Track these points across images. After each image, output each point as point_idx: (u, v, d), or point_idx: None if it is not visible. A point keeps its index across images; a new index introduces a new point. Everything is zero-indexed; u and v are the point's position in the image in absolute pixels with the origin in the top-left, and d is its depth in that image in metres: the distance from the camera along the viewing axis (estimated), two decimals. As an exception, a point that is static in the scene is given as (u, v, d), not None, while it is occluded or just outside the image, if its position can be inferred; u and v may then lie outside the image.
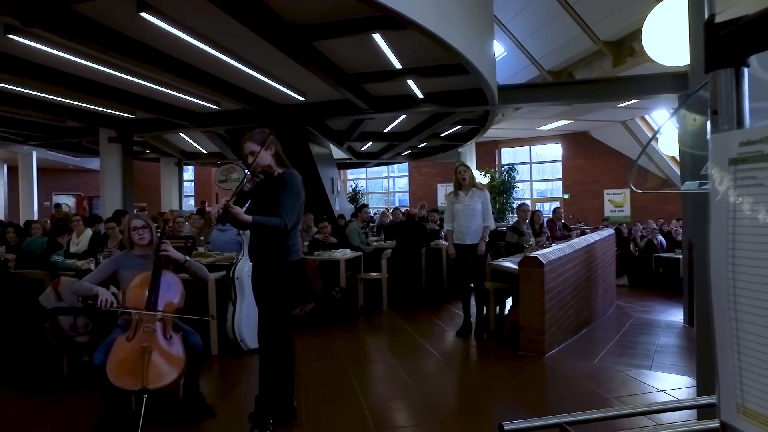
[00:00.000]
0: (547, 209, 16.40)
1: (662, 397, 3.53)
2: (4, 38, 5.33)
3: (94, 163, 15.37)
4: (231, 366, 4.33)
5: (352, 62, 6.87)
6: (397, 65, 6.78)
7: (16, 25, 4.84)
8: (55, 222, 7.82)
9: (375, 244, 7.97)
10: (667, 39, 2.02)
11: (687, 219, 6.68)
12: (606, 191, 16.90)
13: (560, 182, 18.17)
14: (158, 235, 3.26)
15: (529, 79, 12.30)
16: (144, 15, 4.76)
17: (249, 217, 2.67)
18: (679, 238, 9.12)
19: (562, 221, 8.52)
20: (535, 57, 11.97)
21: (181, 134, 12.64)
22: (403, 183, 22.02)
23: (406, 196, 21.28)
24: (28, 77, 6.73)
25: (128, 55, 5.70)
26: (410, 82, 7.52)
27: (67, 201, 17.81)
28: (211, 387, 3.74)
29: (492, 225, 5.22)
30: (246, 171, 2.93)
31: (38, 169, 15.26)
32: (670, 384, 3.79)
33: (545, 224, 7.33)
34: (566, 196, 17.74)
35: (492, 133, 14.30)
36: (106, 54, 5.70)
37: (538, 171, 19.19)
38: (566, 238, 7.59)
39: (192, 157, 15.79)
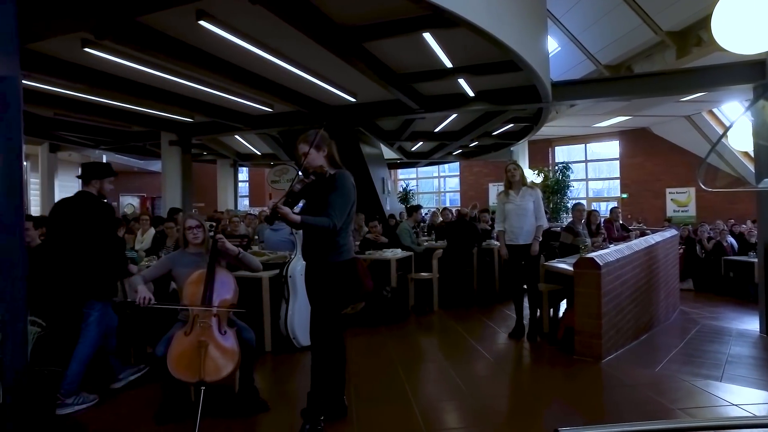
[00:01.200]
0: (603, 209, 15.77)
1: (736, 412, 3.28)
2: (81, 52, 5.72)
3: (156, 165, 16.18)
4: (283, 362, 4.42)
5: (402, 62, 6.87)
6: (448, 64, 6.71)
7: (91, 39, 5.18)
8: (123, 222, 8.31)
9: (426, 244, 7.93)
10: (741, 25, 1.87)
11: (763, 219, 6.23)
12: (668, 190, 16.03)
13: (618, 181, 17.41)
14: (211, 233, 3.38)
15: (585, 74, 11.85)
16: (202, 23, 4.96)
17: (298, 217, 2.72)
18: (754, 239, 8.52)
19: (620, 221, 8.15)
20: (591, 51, 11.53)
21: (236, 136, 13.08)
22: (454, 182, 21.81)
23: (457, 196, 21.06)
24: (100, 87, 7.18)
25: (188, 61, 5.96)
26: (461, 81, 7.43)
27: (132, 201, 18.86)
28: (264, 382, 3.84)
29: (545, 224, 5.07)
30: (298, 171, 2.98)
31: (107, 172, 16.18)
32: (745, 398, 3.52)
33: (602, 225, 7.04)
34: (624, 196, 16.98)
35: (545, 131, 13.90)
36: (168, 61, 5.99)
37: (594, 169, 18.47)
38: (624, 239, 7.26)
39: (246, 158, 16.30)
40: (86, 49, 5.61)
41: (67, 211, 3.53)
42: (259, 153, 15.48)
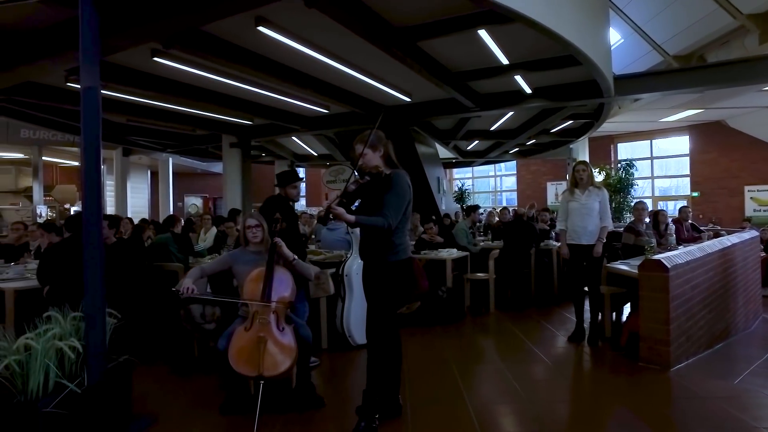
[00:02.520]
0: (671, 209, 14.91)
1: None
2: (150, 61, 6.07)
3: (217, 167, 16.89)
4: (339, 360, 4.49)
5: (457, 60, 6.81)
6: (504, 61, 6.59)
7: (160, 48, 5.49)
8: (186, 221, 8.75)
9: (482, 244, 7.82)
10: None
11: None
12: (747, 188, 14.89)
13: (687, 178, 16.38)
14: (276, 229, 3.49)
15: (651, 66, 11.25)
16: (261, 29, 5.14)
17: (352, 217, 2.76)
18: None
19: (690, 221, 7.66)
20: (658, 42, 10.91)
21: (294, 138, 13.42)
22: (510, 182, 21.34)
23: (514, 195, 20.60)
24: (167, 93, 7.60)
25: (247, 66, 6.19)
26: (518, 78, 7.26)
27: (195, 202, 19.80)
28: (320, 379, 3.92)
29: (610, 225, 4.87)
30: (353, 171, 3.02)
31: (173, 174, 17.13)
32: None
33: (671, 225, 6.66)
34: (695, 194, 15.95)
35: (607, 127, 13.31)
36: (229, 67, 6.24)
37: (661, 167, 17.48)
38: (695, 240, 6.83)
39: (303, 159, 16.69)
40: (155, 59, 5.95)
41: (263, 209, 4.25)
42: (315, 154, 15.82)
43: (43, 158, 13.51)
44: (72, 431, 2.56)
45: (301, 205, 20.90)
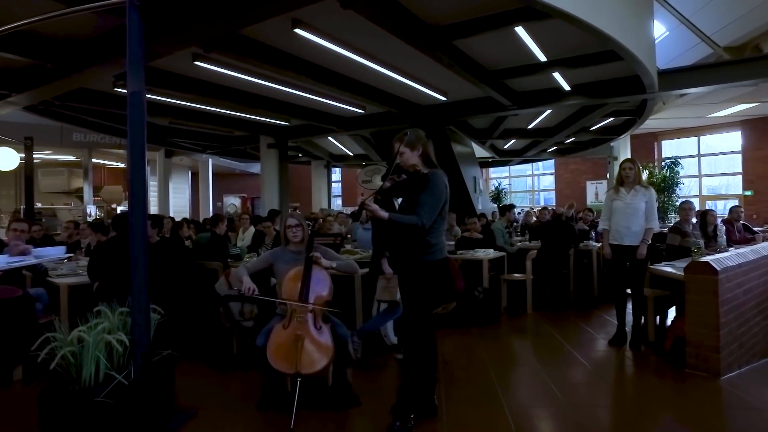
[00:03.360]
0: (721, 208, 14.24)
1: None
2: (192, 65, 6.26)
3: (255, 168, 17.26)
4: (375, 359, 4.51)
5: (493, 58, 6.72)
6: (542, 58, 6.46)
7: (200, 53, 5.66)
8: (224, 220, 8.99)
9: (519, 244, 7.70)
10: None
11: None
12: (806, 186, 14.09)
13: (739, 176, 15.62)
14: (309, 233, 3.54)
15: (699, 59, 10.78)
16: (297, 31, 5.21)
17: (386, 214, 2.77)
18: None
19: (742, 222, 7.30)
20: (707, 33, 10.43)
21: (330, 138, 13.56)
22: (548, 181, 20.89)
23: (552, 195, 20.16)
24: (207, 96, 7.82)
25: (284, 68, 6.29)
26: (556, 75, 7.11)
27: (234, 201, 20.29)
28: (356, 377, 3.94)
29: (656, 227, 4.69)
30: (389, 170, 3.03)
31: (212, 174, 17.61)
32: None
33: (720, 226, 6.35)
34: (748, 193, 15.18)
35: (650, 123, 12.83)
36: (266, 69, 6.37)
37: (709, 164, 16.73)
38: (748, 241, 6.49)
39: (339, 159, 16.86)
40: (196, 63, 6.13)
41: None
42: (351, 154, 15.94)
43: (93, 160, 14.14)
44: (120, 420, 2.68)
45: (337, 204, 21.10)
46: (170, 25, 4.76)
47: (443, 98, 8.34)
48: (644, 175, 14.70)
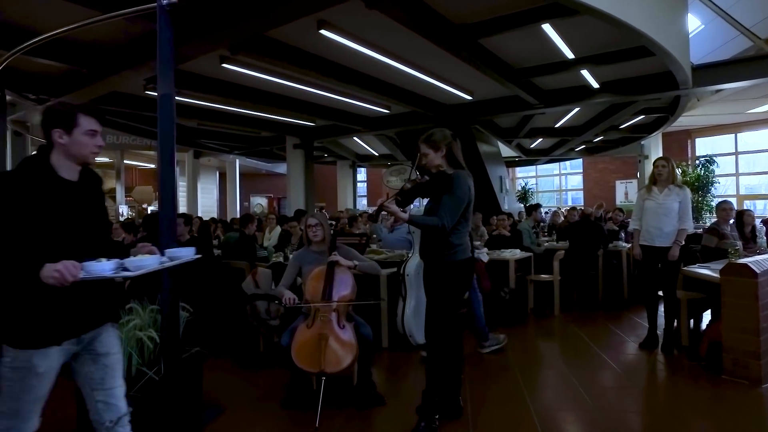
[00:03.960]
0: (761, 208, 13.72)
1: None
2: (219, 68, 6.38)
3: (281, 168, 17.46)
4: (400, 359, 4.50)
5: (520, 56, 6.64)
6: (569, 55, 6.34)
7: (227, 55, 5.75)
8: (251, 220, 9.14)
9: (546, 244, 7.58)
10: None
11: None
12: None
13: (779, 175, 15.03)
14: (332, 232, 3.57)
15: (737, 53, 10.40)
16: (323, 32, 5.24)
17: (405, 215, 2.78)
18: None
19: (783, 222, 7.03)
20: (746, 25, 10.05)
21: (355, 138, 13.61)
22: (576, 180, 20.51)
23: (580, 195, 19.79)
24: (234, 98, 7.95)
25: (309, 69, 6.34)
26: (584, 72, 6.97)
27: (260, 201, 20.57)
28: (380, 377, 3.94)
29: (690, 228, 4.54)
30: (411, 171, 3.03)
31: (239, 174, 17.89)
32: None
33: (759, 226, 6.12)
34: (788, 192, 14.61)
35: (683, 120, 12.46)
36: (292, 70, 6.43)
37: (747, 163, 16.12)
38: (789, 242, 6.24)
39: (364, 159, 16.91)
40: (223, 65, 6.23)
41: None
42: (376, 154, 15.97)
43: (125, 161, 14.54)
44: (151, 415, 2.74)
45: (362, 204, 21.17)
46: (199, 29, 4.86)
47: (469, 97, 8.27)
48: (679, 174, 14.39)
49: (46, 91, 7.18)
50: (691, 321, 4.79)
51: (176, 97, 3.20)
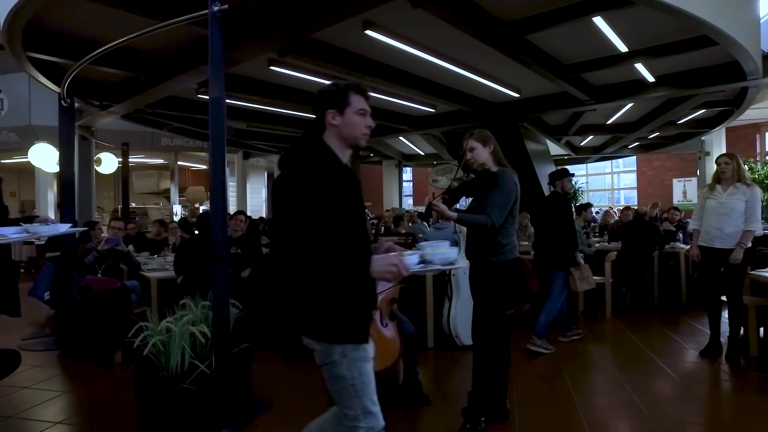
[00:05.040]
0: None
1: None
2: (267, 70, 6.54)
3: (327, 168, 17.66)
4: (445, 360, 4.47)
5: (569, 51, 6.43)
6: (622, 48, 6.08)
7: (275, 58, 5.89)
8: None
9: (597, 245, 7.33)
10: None
11: None
12: None
13: None
14: (373, 231, 3.57)
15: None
16: (368, 32, 5.27)
17: (454, 214, 2.76)
18: None
19: None
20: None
21: (401, 137, 13.61)
22: (629, 179, 19.69)
23: (633, 193, 18.99)
24: (282, 99, 8.12)
25: (355, 69, 6.39)
26: (638, 66, 6.67)
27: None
28: (426, 378, 3.92)
29: (758, 230, 4.22)
30: (458, 169, 3.00)
31: (285, 175, 18.22)
32: None
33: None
34: None
35: (751, 114, 11.71)
36: (338, 71, 6.49)
37: (824, 158, 14.97)
38: None
39: (410, 158, 16.88)
40: (271, 67, 6.38)
41: (544, 206, 5.08)
42: (422, 153, 15.92)
43: (178, 163, 15.16)
44: (202, 407, 2.85)
45: (407, 203, 21.16)
46: (248, 33, 4.99)
47: (516, 95, 8.10)
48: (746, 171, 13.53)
49: (109, 98, 7.58)
50: (762, 329, 4.48)
51: (226, 100, 3.30)
